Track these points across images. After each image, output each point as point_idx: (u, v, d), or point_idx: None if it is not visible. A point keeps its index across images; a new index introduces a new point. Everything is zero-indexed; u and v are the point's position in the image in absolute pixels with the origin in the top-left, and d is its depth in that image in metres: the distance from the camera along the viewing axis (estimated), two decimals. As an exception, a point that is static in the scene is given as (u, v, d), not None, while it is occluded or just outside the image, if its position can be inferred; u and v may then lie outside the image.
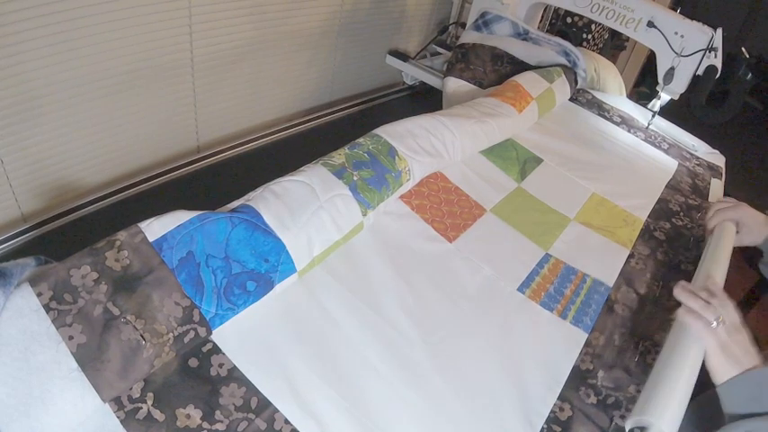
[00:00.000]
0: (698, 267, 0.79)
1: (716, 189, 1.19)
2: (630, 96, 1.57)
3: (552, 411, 0.61)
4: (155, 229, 0.55)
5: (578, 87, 1.40)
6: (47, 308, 0.47)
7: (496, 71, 1.34)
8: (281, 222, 0.63)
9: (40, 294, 0.47)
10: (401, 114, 0.90)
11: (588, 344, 0.70)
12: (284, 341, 0.59)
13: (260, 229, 0.61)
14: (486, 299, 0.73)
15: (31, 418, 0.43)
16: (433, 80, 1.54)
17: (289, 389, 0.55)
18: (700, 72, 1.20)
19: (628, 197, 1.04)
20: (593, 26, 1.92)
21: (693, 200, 1.11)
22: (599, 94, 1.45)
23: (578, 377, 0.66)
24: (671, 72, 1.22)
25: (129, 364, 0.48)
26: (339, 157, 0.76)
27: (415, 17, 1.65)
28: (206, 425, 0.49)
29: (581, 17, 1.86)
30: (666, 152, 1.29)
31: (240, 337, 0.58)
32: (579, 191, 1.02)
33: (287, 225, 0.63)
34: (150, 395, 0.50)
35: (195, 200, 0.66)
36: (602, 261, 0.85)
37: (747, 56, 1.26)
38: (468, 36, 1.39)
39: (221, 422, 0.50)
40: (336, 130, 1.43)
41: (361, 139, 0.82)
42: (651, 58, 1.49)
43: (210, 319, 0.55)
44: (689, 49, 1.19)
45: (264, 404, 0.53)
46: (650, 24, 1.22)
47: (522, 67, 1.33)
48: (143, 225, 0.55)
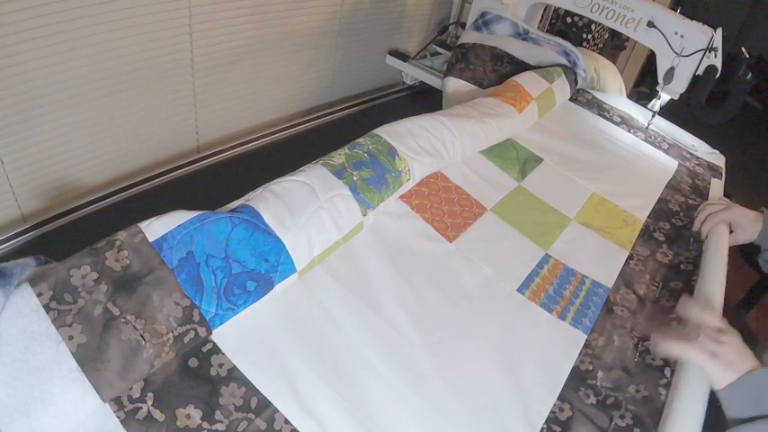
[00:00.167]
0: (699, 271, 0.82)
1: (716, 189, 1.19)
2: (630, 96, 1.57)
3: (552, 411, 0.61)
4: (155, 229, 0.55)
5: (578, 87, 1.40)
6: (47, 308, 0.47)
7: (496, 71, 1.34)
8: (281, 222, 0.63)
9: (40, 294, 0.47)
10: (401, 114, 0.90)
11: (587, 345, 0.70)
12: (284, 341, 0.59)
13: (260, 229, 0.61)
14: (486, 299, 0.73)
15: (31, 418, 0.43)
16: (432, 80, 1.54)
17: (289, 389, 0.55)
18: (700, 72, 1.20)
19: (628, 197, 1.04)
20: (593, 26, 1.92)
21: (693, 200, 1.11)
22: (599, 94, 1.45)
23: (578, 378, 0.66)
24: (671, 72, 1.22)
25: (129, 364, 0.48)
26: (339, 157, 0.76)
27: (415, 17, 1.65)
28: (206, 425, 0.49)
29: (581, 17, 1.86)
30: (666, 152, 1.29)
31: (240, 337, 0.58)
32: (579, 191, 1.02)
33: (287, 225, 0.63)
34: (150, 395, 0.50)
35: (195, 200, 0.66)
36: (601, 263, 0.85)
37: (747, 56, 1.25)
38: (468, 36, 1.39)
39: (221, 422, 0.50)
40: (336, 130, 1.43)
41: (361, 139, 0.82)
42: (651, 58, 1.49)
43: (210, 319, 0.55)
44: (689, 49, 1.19)
45: (264, 404, 0.53)
46: (650, 24, 1.22)
47: (522, 67, 1.33)
48: (143, 225, 0.55)
